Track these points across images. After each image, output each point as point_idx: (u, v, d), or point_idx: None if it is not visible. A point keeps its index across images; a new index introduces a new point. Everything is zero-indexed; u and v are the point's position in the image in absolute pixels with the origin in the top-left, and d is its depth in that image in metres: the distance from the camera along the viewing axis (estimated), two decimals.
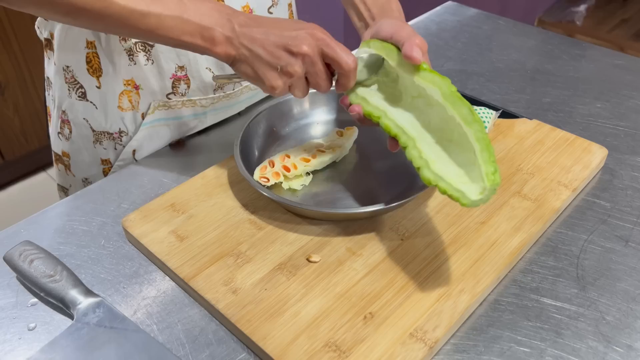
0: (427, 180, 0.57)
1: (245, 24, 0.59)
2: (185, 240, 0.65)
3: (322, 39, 0.59)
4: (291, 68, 0.59)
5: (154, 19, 0.57)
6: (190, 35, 0.59)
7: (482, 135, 0.55)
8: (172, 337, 0.57)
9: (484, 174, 0.54)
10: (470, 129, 0.56)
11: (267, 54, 0.59)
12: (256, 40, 0.59)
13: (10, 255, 0.62)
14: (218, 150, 0.81)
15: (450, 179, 0.56)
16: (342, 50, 0.60)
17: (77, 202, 0.74)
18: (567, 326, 0.58)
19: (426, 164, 0.58)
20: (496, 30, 1.15)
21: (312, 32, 0.59)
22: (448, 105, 0.58)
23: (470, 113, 0.56)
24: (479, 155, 0.55)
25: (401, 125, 0.62)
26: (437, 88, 0.59)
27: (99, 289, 0.62)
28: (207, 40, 0.59)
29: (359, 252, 0.63)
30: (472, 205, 0.54)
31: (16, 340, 0.58)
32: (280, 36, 0.59)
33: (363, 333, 0.55)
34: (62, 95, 0.80)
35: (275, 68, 0.59)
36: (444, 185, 0.56)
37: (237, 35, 0.59)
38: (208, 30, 0.58)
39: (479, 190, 0.54)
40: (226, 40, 0.59)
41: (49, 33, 0.78)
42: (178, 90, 0.78)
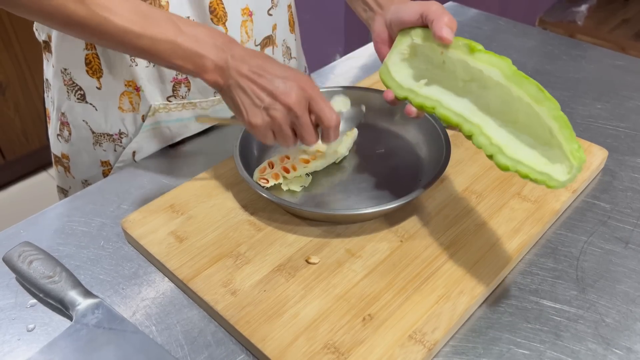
0: (505, 167, 0.55)
1: (240, 58, 0.60)
2: (185, 241, 0.65)
3: (310, 94, 0.60)
4: (273, 112, 0.59)
5: (147, 41, 0.58)
6: (182, 60, 0.59)
7: (558, 112, 0.53)
8: (171, 338, 0.57)
9: (568, 152, 0.52)
10: (543, 107, 0.54)
11: (253, 93, 0.59)
12: (245, 77, 0.59)
13: (10, 256, 0.62)
14: (217, 151, 0.81)
15: (530, 162, 0.54)
16: (327, 107, 0.61)
17: (77, 203, 0.74)
18: (567, 328, 0.58)
19: (499, 150, 0.55)
20: (496, 31, 1.15)
21: (302, 86, 0.60)
22: (513, 86, 0.55)
23: (540, 91, 0.54)
24: (559, 133, 0.53)
25: (460, 113, 0.59)
26: (497, 69, 0.57)
27: (98, 290, 0.62)
28: (198, 67, 0.59)
29: (358, 254, 0.63)
30: (560, 186, 0.52)
31: (15, 341, 0.58)
32: (271, 81, 0.59)
33: (362, 335, 0.55)
34: (61, 98, 0.80)
35: (257, 106, 0.60)
36: (525, 169, 0.53)
37: (229, 67, 0.59)
38: (200, 58, 0.59)
39: (566, 170, 0.52)
40: (216, 69, 0.60)
41: (46, 35, 0.78)
42: (179, 93, 0.78)
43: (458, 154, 0.77)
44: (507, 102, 0.56)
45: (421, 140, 0.77)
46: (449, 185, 0.72)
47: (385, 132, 0.80)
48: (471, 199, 0.70)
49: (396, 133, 0.79)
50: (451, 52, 0.60)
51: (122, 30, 0.57)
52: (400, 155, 0.77)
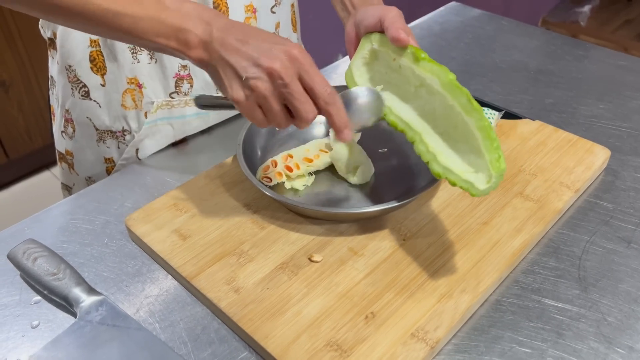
0: (437, 174, 0.58)
1: (225, 29, 0.56)
2: (188, 239, 0.65)
3: (299, 60, 0.55)
4: (254, 82, 0.54)
5: (128, 20, 0.55)
6: (165, 38, 0.56)
7: (482, 123, 0.56)
8: (174, 335, 0.58)
9: (488, 162, 0.54)
10: (471, 118, 0.56)
11: (236, 62, 0.55)
12: (229, 47, 0.55)
13: (14, 253, 0.62)
14: (221, 149, 0.82)
15: (458, 171, 0.57)
16: (319, 77, 0.56)
17: (81, 201, 0.74)
18: (569, 327, 0.58)
19: (434, 158, 0.59)
20: (499, 31, 1.15)
21: (289, 51, 0.55)
22: (448, 95, 0.58)
23: (469, 102, 0.57)
24: (482, 144, 0.55)
25: (406, 120, 0.62)
26: (436, 77, 0.59)
27: (102, 287, 0.62)
28: (182, 44, 0.56)
29: (360, 252, 0.64)
30: (481, 194, 0.54)
31: (19, 337, 0.58)
32: (256, 48, 0.55)
33: (364, 333, 0.55)
34: (66, 94, 0.80)
35: (240, 77, 0.55)
36: (453, 177, 0.57)
37: (213, 40, 0.55)
38: (183, 33, 0.55)
39: (486, 179, 0.55)
40: (201, 44, 0.56)
41: (52, 32, 0.79)
42: (181, 89, 0.79)
43: None
44: (447, 109, 0.59)
45: None
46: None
47: (387, 132, 0.80)
48: (473, 198, 0.70)
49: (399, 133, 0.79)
50: (402, 59, 0.62)
51: (103, 10, 0.55)
52: (403, 155, 0.77)
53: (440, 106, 0.60)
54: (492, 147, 0.55)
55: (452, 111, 0.58)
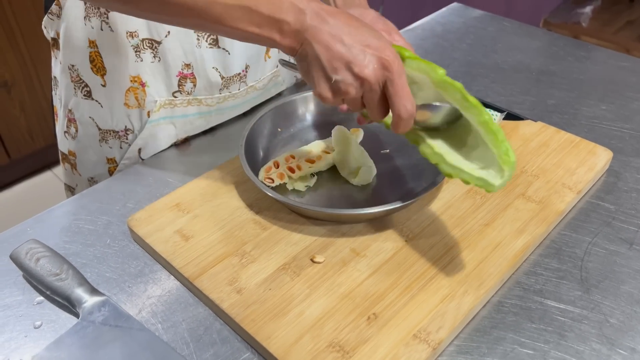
0: (448, 175, 0.57)
1: (319, 17, 0.54)
2: (190, 239, 0.65)
3: (391, 70, 0.55)
4: (345, 87, 0.55)
5: (219, 8, 0.53)
6: (258, 27, 0.54)
7: (482, 117, 0.54)
8: (176, 336, 0.58)
9: (497, 157, 0.53)
10: (469, 114, 0.55)
11: (327, 61, 0.54)
12: (321, 42, 0.54)
13: (17, 253, 0.62)
14: (223, 150, 0.82)
15: (468, 169, 0.56)
16: (404, 93, 0.55)
17: (83, 201, 0.74)
18: (571, 328, 0.58)
19: (442, 159, 0.58)
20: (501, 32, 1.15)
21: (384, 58, 0.54)
22: (442, 93, 0.57)
23: (464, 98, 0.55)
24: (487, 139, 0.54)
25: None
26: (425, 74, 0.57)
27: (105, 288, 0.62)
28: (275, 33, 0.55)
29: (363, 253, 0.64)
30: (495, 190, 0.54)
31: (22, 338, 0.58)
32: (349, 48, 0.54)
33: (367, 333, 0.55)
34: (68, 94, 0.81)
35: (329, 79, 0.55)
36: (466, 176, 0.56)
37: (305, 29, 0.54)
38: (278, 23, 0.54)
39: (499, 175, 0.54)
40: (294, 33, 0.55)
41: (55, 32, 0.79)
42: (184, 88, 0.79)
43: None
44: None
45: None
46: (454, 186, 0.72)
47: (389, 133, 0.80)
48: (476, 199, 0.70)
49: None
50: None
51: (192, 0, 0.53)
52: (405, 156, 0.77)
53: None
54: (497, 141, 0.53)
55: None
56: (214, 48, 0.77)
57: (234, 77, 0.81)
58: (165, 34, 0.74)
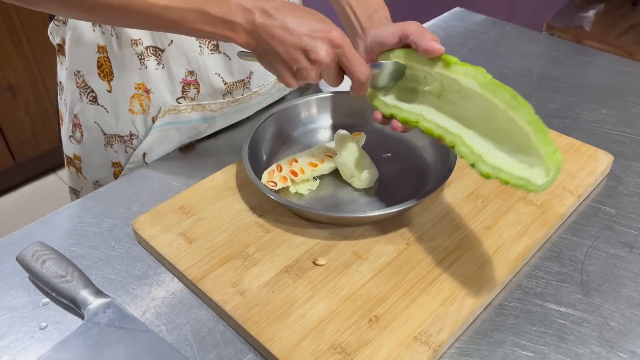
0: (486, 175, 0.56)
1: (266, 14, 0.59)
2: (194, 242, 0.66)
3: (341, 46, 0.61)
4: (306, 72, 0.61)
5: (175, 13, 0.58)
6: (212, 26, 0.60)
7: (532, 117, 0.54)
8: (180, 337, 0.58)
9: (544, 156, 0.53)
10: (518, 113, 0.55)
11: (285, 53, 0.60)
12: (275, 38, 0.59)
13: (23, 255, 0.63)
14: (227, 154, 0.83)
15: (509, 169, 0.55)
16: (357, 61, 0.62)
17: (88, 204, 0.75)
18: (571, 331, 0.58)
19: (480, 159, 0.57)
20: (503, 37, 1.15)
21: (332, 39, 0.60)
22: (488, 94, 0.57)
23: (514, 98, 0.56)
24: (534, 138, 0.54)
25: (442, 125, 0.62)
26: (472, 79, 0.59)
27: (109, 290, 0.63)
28: (229, 31, 0.60)
29: (364, 256, 0.64)
30: (540, 190, 0.53)
31: (28, 339, 0.59)
32: (300, 38, 0.59)
33: (368, 336, 0.56)
34: (74, 99, 0.81)
35: (291, 68, 0.61)
36: (505, 176, 0.55)
37: (257, 29, 0.59)
38: (229, 23, 0.59)
39: (544, 174, 0.53)
40: (246, 31, 0.60)
41: (60, 39, 0.80)
42: (188, 94, 0.80)
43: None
44: (487, 111, 0.58)
45: (427, 144, 0.78)
46: (455, 189, 0.73)
47: (392, 137, 0.81)
48: (477, 203, 0.71)
49: (402, 137, 0.80)
50: (429, 67, 0.63)
51: (148, 5, 0.58)
52: (407, 159, 0.78)
53: (476, 109, 0.60)
54: (546, 140, 0.53)
55: (494, 111, 0.57)
56: (216, 54, 0.78)
57: (237, 82, 0.82)
58: (169, 42, 0.75)
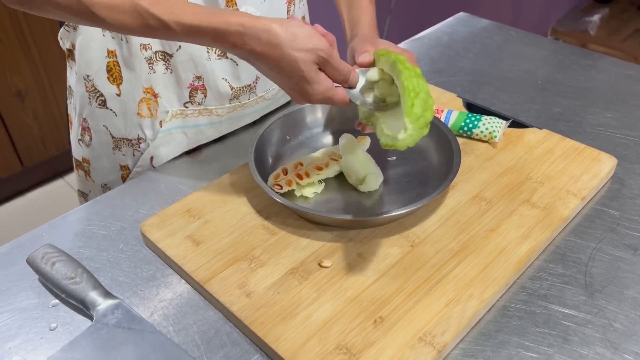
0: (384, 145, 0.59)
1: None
2: (201, 244, 0.67)
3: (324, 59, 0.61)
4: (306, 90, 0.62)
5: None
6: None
7: (408, 82, 0.57)
8: (187, 338, 0.59)
9: (404, 112, 0.56)
10: (399, 79, 0.59)
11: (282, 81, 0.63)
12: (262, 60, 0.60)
13: (33, 257, 0.64)
14: (233, 157, 0.84)
15: (387, 132, 0.60)
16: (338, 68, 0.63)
17: (97, 207, 0.76)
18: (575, 332, 0.59)
19: (381, 131, 0.62)
20: (507, 41, 1.16)
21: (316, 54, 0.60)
22: (391, 73, 0.62)
23: (396, 64, 0.59)
24: (402, 99, 0.57)
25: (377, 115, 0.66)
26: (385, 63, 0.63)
27: (118, 291, 0.64)
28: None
29: (369, 258, 0.65)
30: (402, 144, 0.56)
31: (38, 339, 0.60)
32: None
33: (373, 336, 0.56)
34: (83, 103, 0.83)
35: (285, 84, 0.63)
36: (383, 139, 0.59)
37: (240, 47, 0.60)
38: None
39: (403, 129, 0.56)
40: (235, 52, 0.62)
41: (70, 44, 0.81)
42: (195, 99, 0.81)
43: (468, 161, 0.78)
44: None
45: (431, 147, 0.78)
46: (459, 192, 0.74)
47: None
48: (481, 205, 0.71)
49: None
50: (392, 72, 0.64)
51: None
52: (411, 163, 0.79)
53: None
54: (408, 97, 0.56)
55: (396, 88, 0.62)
56: (223, 59, 0.79)
57: (244, 87, 0.83)
58: (177, 47, 0.76)
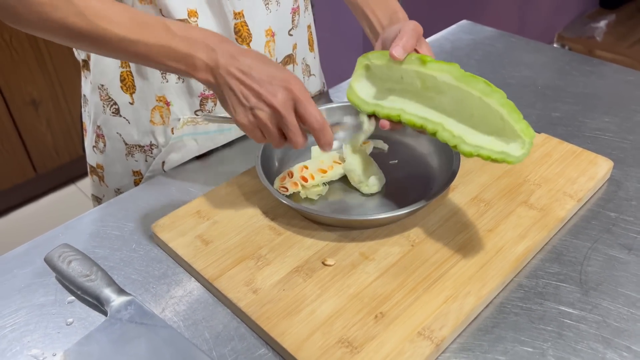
0: (468, 153, 0.62)
1: (229, 56, 0.62)
2: (210, 244, 0.70)
3: (296, 95, 0.62)
4: (258, 112, 0.62)
5: (142, 47, 0.62)
6: (175, 62, 0.63)
7: (505, 100, 0.61)
8: (197, 333, 0.62)
9: (519, 131, 0.60)
10: (492, 99, 0.61)
11: (241, 93, 0.62)
12: (234, 76, 0.62)
13: (50, 256, 0.68)
14: (241, 162, 0.87)
15: (488, 146, 0.62)
16: (312, 108, 0.63)
17: (111, 209, 0.80)
18: (569, 328, 0.61)
19: (461, 140, 0.63)
20: (509, 48, 1.18)
21: (289, 87, 0.62)
22: (463, 85, 0.63)
23: (488, 86, 0.62)
24: (509, 117, 0.60)
25: (423, 116, 0.67)
26: (447, 73, 0.64)
27: (131, 289, 0.67)
28: (190, 67, 0.63)
29: (371, 257, 0.68)
30: (517, 161, 0.60)
31: (55, 334, 0.63)
32: (258, 81, 0.61)
33: (374, 331, 0.59)
34: (98, 112, 0.86)
35: (243, 105, 0.63)
36: (486, 152, 0.61)
37: (218, 66, 0.62)
38: (191, 58, 0.62)
39: (520, 146, 0.60)
40: (207, 68, 0.63)
41: (85, 54, 0.85)
42: (205, 107, 0.84)
43: (468, 165, 0.81)
44: (461, 101, 0.64)
45: (432, 151, 0.81)
46: (459, 194, 0.76)
47: (398, 144, 0.84)
48: (480, 207, 0.74)
49: (408, 145, 0.84)
50: (406, 66, 0.67)
51: (119, 39, 0.62)
52: (413, 166, 0.81)
53: (450, 102, 0.65)
54: (519, 118, 0.60)
55: (468, 100, 0.63)
56: None
57: None
58: None
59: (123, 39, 0.62)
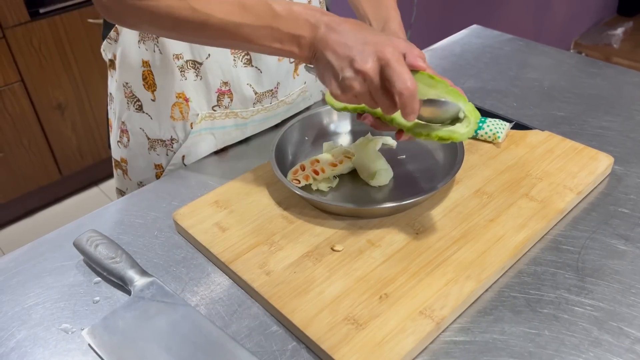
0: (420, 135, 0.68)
1: (329, 28, 0.62)
2: (227, 231, 0.75)
3: (386, 58, 0.60)
4: (349, 82, 0.61)
5: (247, 29, 0.63)
6: (280, 43, 0.64)
7: (450, 88, 0.66)
8: (213, 311, 0.66)
9: (466, 112, 0.66)
10: (437, 90, 0.67)
11: (335, 63, 0.62)
12: (329, 48, 0.62)
13: (79, 240, 0.73)
14: (256, 156, 0.91)
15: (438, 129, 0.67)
16: (399, 71, 0.59)
17: (134, 200, 0.85)
18: (564, 311, 0.64)
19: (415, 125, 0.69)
20: (517, 51, 1.22)
21: (381, 49, 0.60)
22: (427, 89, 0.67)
23: (431, 78, 0.66)
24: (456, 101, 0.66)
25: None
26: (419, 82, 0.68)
27: (152, 271, 0.72)
28: (295, 46, 0.64)
29: (378, 244, 0.72)
30: (462, 138, 0.65)
31: (83, 310, 0.68)
32: (351, 49, 0.61)
33: (378, 310, 0.63)
34: (122, 108, 0.92)
35: (337, 77, 0.63)
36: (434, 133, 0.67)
37: (318, 40, 0.63)
38: (297, 38, 0.64)
39: (465, 125, 0.66)
40: (310, 46, 0.64)
41: (112, 54, 0.90)
42: (222, 103, 0.89)
43: (472, 159, 0.84)
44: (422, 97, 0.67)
45: (438, 146, 0.85)
46: (463, 187, 0.80)
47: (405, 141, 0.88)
48: (482, 199, 0.77)
49: (416, 141, 0.88)
50: None
51: (223, 22, 0.63)
52: (419, 161, 0.85)
53: None
54: (465, 102, 0.66)
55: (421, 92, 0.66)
56: (248, 67, 0.88)
57: (266, 92, 0.91)
58: (206, 56, 0.85)
59: (228, 22, 0.62)
